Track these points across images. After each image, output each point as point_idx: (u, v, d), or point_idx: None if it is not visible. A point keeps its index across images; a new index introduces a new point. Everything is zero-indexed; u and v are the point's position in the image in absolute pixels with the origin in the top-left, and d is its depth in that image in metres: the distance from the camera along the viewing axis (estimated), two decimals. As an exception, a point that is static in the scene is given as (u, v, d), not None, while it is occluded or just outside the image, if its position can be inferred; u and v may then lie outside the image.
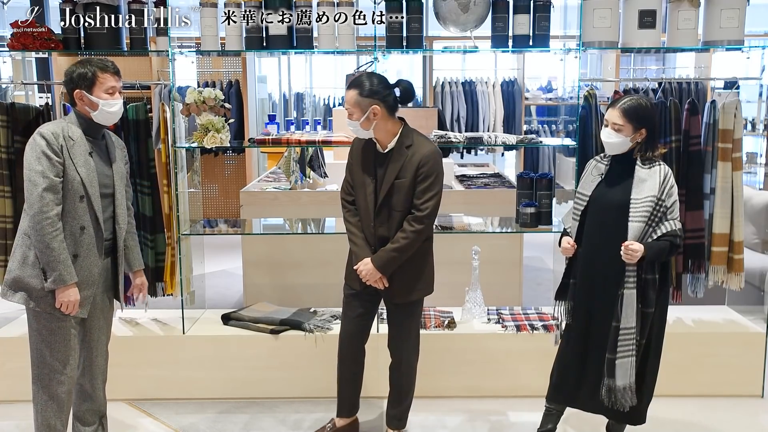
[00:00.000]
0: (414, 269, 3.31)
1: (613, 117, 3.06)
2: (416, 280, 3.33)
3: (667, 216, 3.04)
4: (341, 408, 3.58)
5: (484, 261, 4.27)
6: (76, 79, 2.92)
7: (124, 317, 4.25)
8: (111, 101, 2.95)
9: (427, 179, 3.17)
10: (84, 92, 2.91)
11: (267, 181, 6.18)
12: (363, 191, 3.28)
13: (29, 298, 2.86)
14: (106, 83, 2.93)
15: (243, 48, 3.98)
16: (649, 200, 3.02)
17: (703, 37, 3.97)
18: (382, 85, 3.19)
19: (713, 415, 3.86)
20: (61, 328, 2.89)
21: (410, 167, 3.17)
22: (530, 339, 4.02)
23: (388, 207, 3.22)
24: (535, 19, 3.92)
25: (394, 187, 3.20)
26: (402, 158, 3.19)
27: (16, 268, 2.88)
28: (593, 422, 3.50)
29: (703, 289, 4.11)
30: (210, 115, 3.94)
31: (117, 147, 3.12)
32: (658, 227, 3.03)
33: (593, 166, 3.24)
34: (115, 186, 3.02)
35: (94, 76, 2.91)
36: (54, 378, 2.91)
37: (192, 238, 4.26)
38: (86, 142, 2.93)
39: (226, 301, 5.68)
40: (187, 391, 4.07)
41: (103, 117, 2.97)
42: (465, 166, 7.43)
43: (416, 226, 3.18)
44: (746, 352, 4.04)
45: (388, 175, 3.21)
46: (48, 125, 2.92)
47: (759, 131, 8.42)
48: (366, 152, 3.30)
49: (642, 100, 3.10)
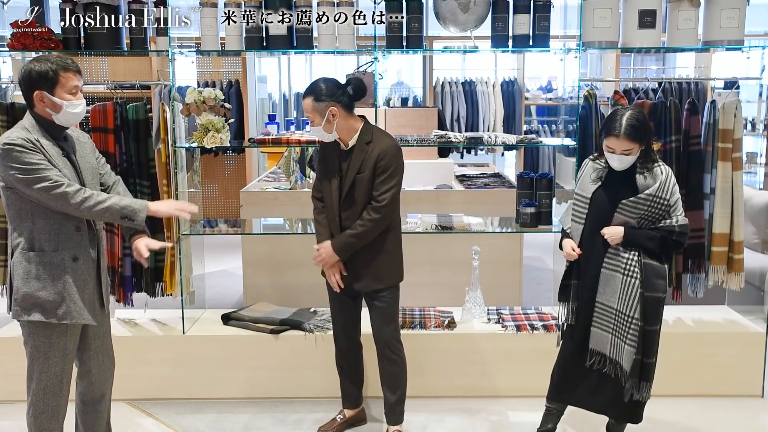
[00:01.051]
0: (377, 259, 3.43)
1: (621, 145, 3.04)
2: (380, 270, 3.44)
3: (671, 214, 3.07)
4: (347, 400, 3.73)
5: (484, 261, 4.27)
6: (36, 79, 2.71)
7: (123, 317, 4.25)
8: (75, 101, 2.76)
9: (385, 172, 3.33)
10: (45, 93, 2.71)
11: (267, 181, 6.18)
12: (329, 187, 3.44)
13: (45, 313, 2.76)
14: (69, 83, 2.74)
15: (243, 48, 3.98)
16: (645, 199, 3.05)
17: (703, 37, 3.97)
18: (334, 86, 3.34)
19: (713, 415, 3.86)
20: (61, 340, 2.81)
21: (370, 162, 3.33)
22: (530, 339, 4.02)
23: (351, 201, 3.37)
24: (535, 19, 3.92)
25: (356, 182, 3.35)
26: (362, 154, 3.35)
27: (22, 285, 2.77)
28: (593, 422, 3.50)
29: (703, 289, 4.11)
30: (210, 115, 3.94)
31: (83, 142, 2.96)
32: (658, 223, 3.06)
33: (589, 167, 3.25)
34: (84, 184, 2.85)
35: (56, 75, 2.71)
36: (51, 390, 2.84)
37: (192, 238, 4.26)
38: (52, 147, 2.77)
39: (226, 301, 5.68)
40: (187, 391, 4.07)
41: (66, 119, 2.79)
42: (465, 166, 7.43)
43: (373, 215, 3.33)
44: (746, 352, 4.04)
45: (350, 170, 3.37)
46: (10, 134, 2.71)
47: (759, 131, 8.42)
48: (331, 151, 3.45)
49: (634, 114, 3.07)
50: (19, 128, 2.76)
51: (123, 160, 3.93)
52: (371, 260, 3.42)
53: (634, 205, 3.07)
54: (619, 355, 3.13)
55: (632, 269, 3.07)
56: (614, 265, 3.11)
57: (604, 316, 3.16)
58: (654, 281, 3.08)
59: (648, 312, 3.07)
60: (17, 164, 2.66)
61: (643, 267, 3.07)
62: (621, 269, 3.09)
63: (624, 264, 3.09)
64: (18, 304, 2.79)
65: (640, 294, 3.06)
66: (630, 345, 3.07)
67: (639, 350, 3.08)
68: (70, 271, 2.80)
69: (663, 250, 3.10)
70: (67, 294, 2.79)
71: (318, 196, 3.55)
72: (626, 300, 3.08)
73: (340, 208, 3.40)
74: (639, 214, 3.07)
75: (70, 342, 2.85)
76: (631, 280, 3.07)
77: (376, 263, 3.42)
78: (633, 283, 3.07)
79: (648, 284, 3.07)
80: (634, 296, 3.06)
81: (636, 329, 3.06)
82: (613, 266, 3.12)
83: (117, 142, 3.92)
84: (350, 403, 3.73)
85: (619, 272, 3.09)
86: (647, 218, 3.07)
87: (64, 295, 2.78)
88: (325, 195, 3.47)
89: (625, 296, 3.08)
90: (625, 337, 3.09)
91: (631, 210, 3.08)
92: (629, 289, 3.07)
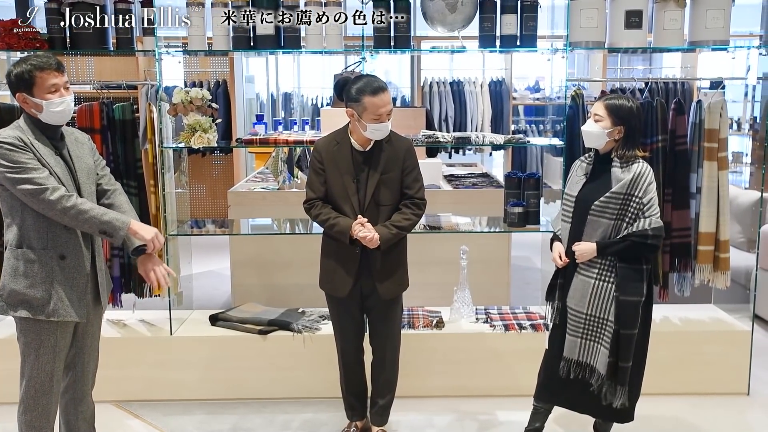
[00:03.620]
0: (399, 264, 3.39)
1: (596, 108, 3.14)
2: (401, 275, 3.41)
3: (645, 213, 3.04)
4: (357, 413, 3.61)
5: (473, 260, 4.28)
6: (15, 82, 2.72)
7: (111, 318, 4.23)
8: (55, 100, 2.73)
9: (414, 169, 3.33)
10: (26, 95, 2.71)
11: (255, 181, 6.16)
12: (344, 193, 3.28)
13: (32, 310, 2.76)
14: (47, 81, 2.71)
15: (230, 48, 3.97)
16: (615, 197, 3.05)
17: (689, 38, 4.00)
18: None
19: (700, 413, 3.88)
20: (51, 338, 2.81)
21: (395, 161, 3.28)
22: (518, 338, 4.03)
23: (375, 203, 3.27)
24: (523, 19, 3.93)
25: (381, 183, 3.26)
26: (384, 153, 3.27)
27: (9, 282, 2.78)
28: (581, 421, 3.51)
29: (690, 288, 4.13)
30: (197, 115, 3.92)
31: (81, 142, 2.95)
32: (633, 224, 3.05)
33: (578, 167, 3.26)
34: (80, 184, 2.85)
35: (31, 76, 2.70)
36: (41, 388, 2.84)
37: (180, 238, 4.24)
38: (45, 146, 2.77)
39: (214, 301, 5.66)
40: (175, 392, 4.05)
41: (51, 117, 2.76)
42: (453, 165, 7.44)
43: (417, 211, 3.31)
44: (732, 351, 4.07)
45: (372, 171, 3.26)
46: (2, 132, 2.72)
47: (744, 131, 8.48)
48: (340, 155, 3.30)
49: (628, 100, 3.13)
50: (12, 127, 2.78)
51: (110, 160, 3.91)
52: (396, 265, 3.35)
53: (605, 205, 3.06)
54: (592, 359, 3.13)
55: (607, 274, 3.07)
56: (588, 270, 3.11)
57: (574, 320, 3.16)
58: (630, 285, 3.06)
59: (623, 316, 3.06)
60: (6, 161, 2.66)
61: (618, 272, 3.06)
62: (595, 275, 3.09)
63: (598, 269, 3.09)
64: (4, 300, 2.81)
65: (614, 297, 3.06)
66: (605, 347, 3.08)
67: (613, 353, 3.07)
68: (57, 269, 2.79)
69: (638, 254, 3.08)
70: (54, 292, 2.78)
71: (319, 196, 3.32)
72: (599, 304, 3.08)
73: (363, 212, 3.25)
74: (612, 215, 3.05)
75: (60, 340, 2.84)
76: (605, 284, 3.07)
77: (399, 268, 3.37)
78: (607, 288, 3.06)
79: (623, 288, 3.05)
80: (607, 299, 3.06)
81: (610, 332, 3.06)
82: (586, 271, 3.12)
83: (104, 142, 3.90)
84: (359, 414, 3.61)
85: (592, 277, 3.09)
86: (621, 218, 3.06)
87: (51, 292, 2.78)
88: (340, 202, 3.29)
89: (598, 300, 3.08)
90: (600, 339, 3.10)
91: (603, 211, 3.07)
92: (602, 293, 3.07)
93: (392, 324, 3.45)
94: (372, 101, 3.15)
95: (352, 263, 3.30)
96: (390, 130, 3.28)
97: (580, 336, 3.15)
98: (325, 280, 3.42)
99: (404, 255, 3.43)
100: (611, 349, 3.07)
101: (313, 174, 3.36)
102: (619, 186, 3.05)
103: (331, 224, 3.27)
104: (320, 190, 3.33)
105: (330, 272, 3.38)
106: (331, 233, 3.32)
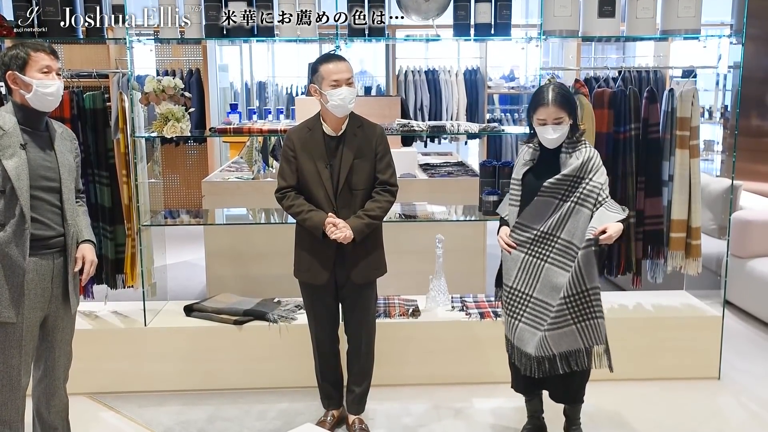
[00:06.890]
0: (375, 248, 3.39)
1: (552, 113, 3.06)
2: (376, 259, 3.41)
3: (602, 195, 3.05)
4: (333, 402, 3.62)
5: (448, 249, 4.29)
6: (8, 61, 2.76)
7: (83, 310, 4.18)
8: (46, 81, 2.75)
9: (386, 155, 3.35)
10: (17, 73, 2.73)
11: (229, 170, 6.12)
12: (317, 179, 3.28)
13: None
14: (40, 62, 2.75)
15: (203, 36, 3.93)
16: (565, 179, 3.06)
17: (661, 26, 4.03)
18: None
19: (671, 397, 3.94)
20: (13, 335, 2.76)
21: (368, 145, 3.30)
22: (494, 326, 4.05)
23: (349, 188, 3.29)
24: (497, 8, 3.94)
25: (353, 168, 3.27)
26: (357, 138, 3.29)
27: None
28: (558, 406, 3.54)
29: (662, 275, 4.18)
30: (170, 104, 3.88)
31: (66, 138, 2.94)
32: (595, 205, 3.05)
33: (524, 152, 3.26)
34: (61, 179, 2.82)
35: (27, 55, 2.74)
36: (9, 383, 2.79)
37: (153, 229, 4.20)
38: (20, 133, 2.74)
39: (188, 292, 5.63)
40: (150, 384, 4.02)
41: (39, 100, 2.76)
42: (428, 155, 7.45)
43: (390, 198, 3.34)
44: (704, 336, 4.13)
45: (345, 156, 3.27)
46: None
47: (716, 119, 8.57)
48: (312, 141, 3.30)
49: (558, 85, 3.15)
50: None
51: (81, 150, 3.84)
52: (370, 250, 3.36)
53: (555, 186, 3.07)
54: (543, 340, 3.08)
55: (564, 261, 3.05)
56: (540, 253, 3.11)
57: (517, 302, 3.16)
58: (589, 270, 3.01)
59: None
60: None
61: (579, 261, 3.01)
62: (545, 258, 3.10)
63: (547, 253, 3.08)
64: None
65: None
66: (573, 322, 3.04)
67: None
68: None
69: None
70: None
71: (292, 184, 3.32)
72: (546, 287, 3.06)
73: (336, 198, 3.27)
74: (559, 195, 3.06)
75: (26, 334, 2.80)
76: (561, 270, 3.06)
77: (373, 253, 3.37)
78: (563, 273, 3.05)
79: (582, 274, 3.00)
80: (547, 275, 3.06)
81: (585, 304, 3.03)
82: (538, 254, 3.11)
83: (74, 131, 3.82)
84: (336, 403, 3.62)
85: (542, 260, 3.10)
86: (566, 198, 3.06)
87: None
88: (312, 188, 3.29)
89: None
90: (545, 319, 3.06)
91: (552, 192, 3.08)
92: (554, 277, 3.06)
93: (366, 312, 3.45)
94: (327, 68, 3.22)
95: (328, 252, 3.30)
96: (356, 114, 3.30)
97: (525, 321, 3.12)
98: (300, 269, 3.41)
99: (380, 240, 3.43)
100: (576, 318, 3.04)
101: (285, 162, 3.36)
102: (570, 169, 3.06)
103: (304, 218, 3.28)
104: (292, 179, 3.32)
105: (305, 261, 3.38)
106: (303, 226, 3.32)
